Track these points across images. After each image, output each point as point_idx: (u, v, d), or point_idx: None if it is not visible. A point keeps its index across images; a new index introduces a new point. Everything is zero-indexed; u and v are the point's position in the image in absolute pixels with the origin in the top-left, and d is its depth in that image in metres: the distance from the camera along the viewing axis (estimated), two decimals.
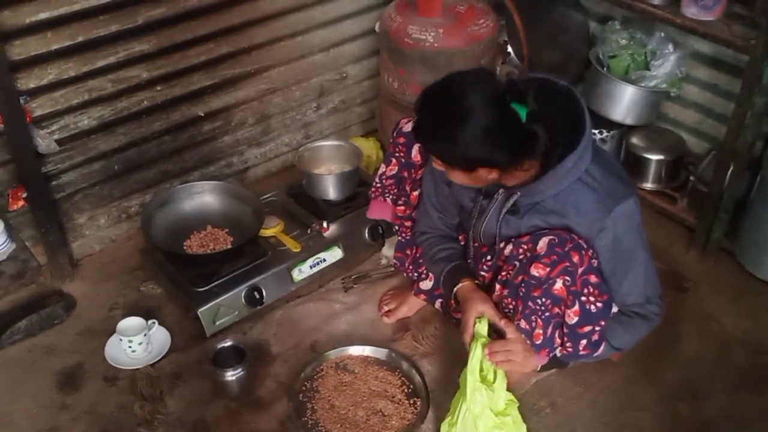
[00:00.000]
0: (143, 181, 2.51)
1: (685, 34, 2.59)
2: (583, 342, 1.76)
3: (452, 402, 1.87)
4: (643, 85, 2.60)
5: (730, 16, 2.28)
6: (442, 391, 2.05)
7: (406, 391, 2.07)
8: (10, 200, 2.18)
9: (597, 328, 1.74)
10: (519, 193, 1.75)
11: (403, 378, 2.10)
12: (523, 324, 1.75)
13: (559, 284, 1.68)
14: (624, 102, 2.65)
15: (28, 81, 2.09)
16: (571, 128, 1.66)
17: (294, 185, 2.63)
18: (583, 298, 1.70)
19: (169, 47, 2.33)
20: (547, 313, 1.71)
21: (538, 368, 1.96)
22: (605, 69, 2.69)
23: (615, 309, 1.79)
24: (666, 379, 2.11)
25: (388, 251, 2.53)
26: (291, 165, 2.92)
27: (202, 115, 2.53)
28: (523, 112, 1.59)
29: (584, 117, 1.67)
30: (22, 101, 2.04)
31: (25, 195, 2.18)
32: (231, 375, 2.02)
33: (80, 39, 2.13)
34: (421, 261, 2.19)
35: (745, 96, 2.22)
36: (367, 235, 2.50)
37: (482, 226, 1.89)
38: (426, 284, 2.24)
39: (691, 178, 2.57)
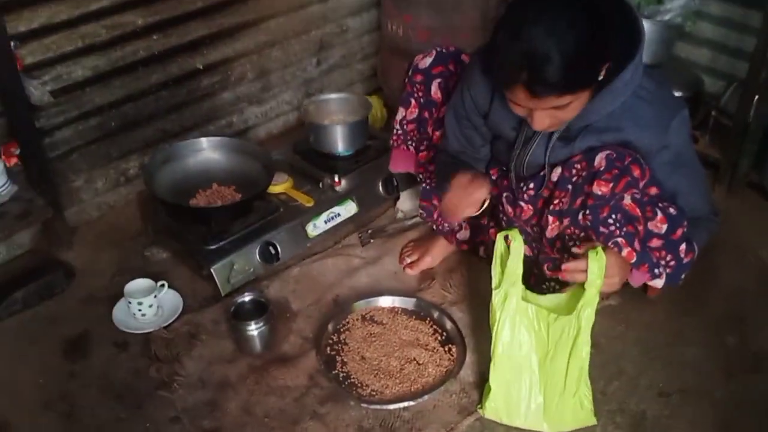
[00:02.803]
0: (141, 139, 2.37)
1: None
2: (683, 247, 1.68)
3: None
4: (657, 18, 2.52)
5: None
6: (477, 337, 1.93)
7: (439, 338, 1.95)
8: (2, 157, 2.02)
9: (686, 229, 1.67)
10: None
11: (434, 326, 1.98)
12: None
13: (628, 199, 1.58)
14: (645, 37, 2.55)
15: (18, 24, 1.94)
16: (625, 33, 1.54)
17: (300, 142, 2.51)
18: (660, 206, 1.62)
19: None
20: (624, 229, 1.58)
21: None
22: None
23: None
24: (709, 313, 2.02)
25: (404, 204, 2.41)
26: (292, 126, 2.81)
27: (201, 68, 2.40)
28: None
29: (639, 24, 1.56)
30: (12, 46, 1.89)
31: (18, 151, 2.02)
32: (254, 329, 1.88)
33: None
34: None
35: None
36: (381, 188, 2.38)
37: (527, 155, 1.76)
38: (463, 234, 2.14)
39: (713, 113, 2.49)
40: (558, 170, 1.70)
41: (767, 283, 2.11)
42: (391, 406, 1.77)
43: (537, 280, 1.95)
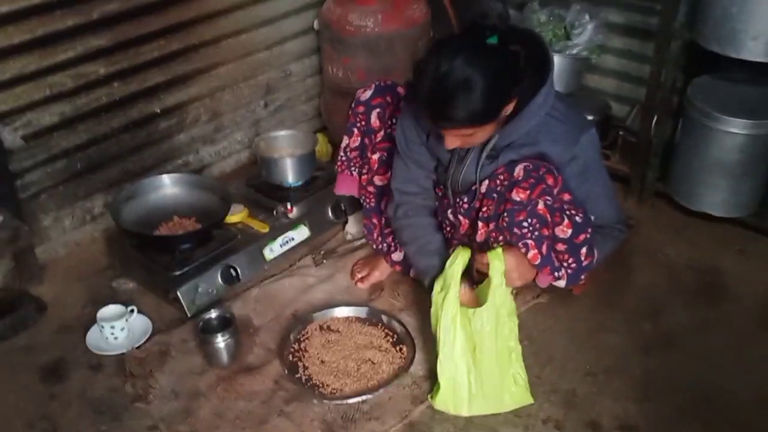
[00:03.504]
0: (105, 179, 2.54)
1: (599, 6, 2.87)
2: (583, 250, 1.89)
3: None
4: (567, 53, 2.84)
5: None
6: (424, 337, 2.14)
7: (390, 340, 2.16)
8: None
9: (589, 235, 1.88)
10: (497, 136, 1.88)
11: (386, 330, 2.19)
12: None
13: (541, 204, 1.81)
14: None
15: None
16: (537, 62, 1.80)
17: (252, 176, 2.71)
18: (568, 213, 1.85)
19: (124, 42, 2.40)
20: (536, 233, 1.82)
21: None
22: None
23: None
24: (627, 305, 2.29)
25: (351, 227, 2.63)
26: (244, 164, 3.01)
27: (158, 111, 2.60)
28: (495, 39, 1.70)
29: (548, 53, 1.83)
30: None
31: None
32: (221, 341, 2.06)
33: (40, 33, 2.18)
34: (387, 232, 2.30)
35: (659, 54, 2.48)
36: (330, 213, 2.59)
37: (461, 174, 2.01)
38: (398, 255, 2.35)
39: (621, 132, 2.80)
40: (486, 182, 1.95)
41: (675, 277, 2.39)
42: (351, 401, 1.97)
43: (471, 282, 2.17)
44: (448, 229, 2.18)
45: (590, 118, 2.85)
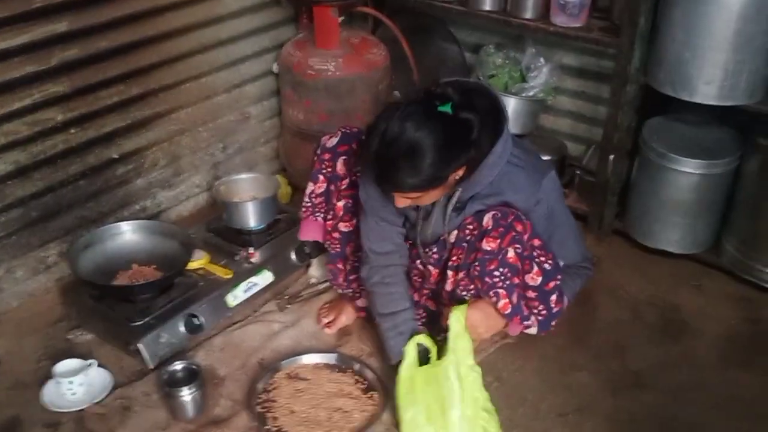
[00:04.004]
0: (61, 227, 2.46)
1: (554, 50, 2.94)
2: (553, 297, 1.91)
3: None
4: (523, 95, 2.89)
5: (591, 26, 2.61)
6: (396, 383, 2.11)
7: (361, 387, 2.12)
8: None
9: (559, 282, 1.90)
10: (460, 189, 1.89)
11: (356, 376, 2.16)
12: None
13: (511, 253, 1.83)
14: (508, 113, 2.91)
15: None
16: (491, 116, 1.82)
17: (212, 221, 2.67)
18: (537, 260, 1.86)
19: (83, 88, 2.35)
20: (507, 282, 1.84)
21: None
22: None
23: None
24: (594, 342, 2.31)
25: (315, 271, 2.60)
26: (202, 207, 2.97)
27: (116, 157, 2.54)
28: (448, 107, 1.73)
29: (501, 104, 1.85)
30: None
31: None
32: (187, 394, 1.99)
33: None
34: (352, 278, 2.28)
35: (615, 97, 2.54)
36: (294, 257, 2.56)
37: (429, 229, 2.02)
38: (362, 302, 2.33)
39: (577, 171, 2.86)
40: (455, 233, 1.97)
41: (637, 314, 2.43)
42: None
43: (437, 331, 2.15)
44: (417, 278, 2.18)
45: (547, 158, 2.91)
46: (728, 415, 2.04)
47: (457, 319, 1.83)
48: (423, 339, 1.97)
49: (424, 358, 1.98)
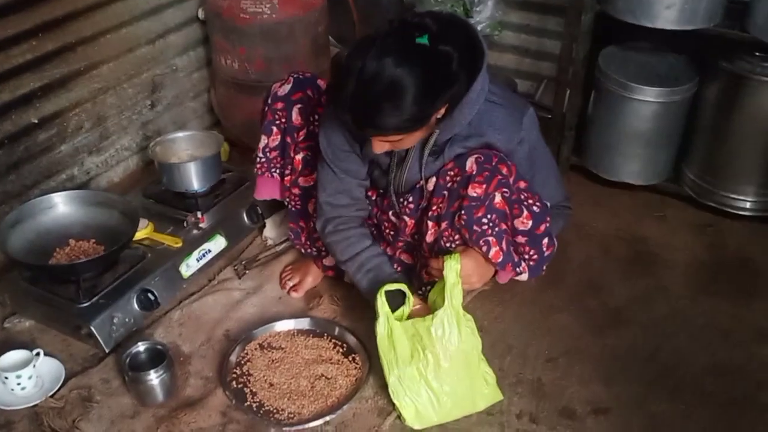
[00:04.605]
0: None
1: None
2: (545, 241, 1.82)
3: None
4: None
5: None
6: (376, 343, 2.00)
7: (341, 350, 2.00)
8: None
9: (548, 225, 1.81)
10: (438, 131, 1.76)
11: (333, 340, 2.03)
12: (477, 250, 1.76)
13: (498, 197, 1.72)
14: (485, 47, 2.78)
15: None
16: (468, 50, 1.66)
17: (149, 186, 2.45)
18: (526, 203, 1.76)
19: None
20: (496, 229, 1.73)
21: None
22: None
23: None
24: (569, 282, 2.26)
25: (270, 232, 2.43)
26: (133, 172, 2.72)
27: (36, 122, 2.26)
28: (425, 39, 1.57)
29: (477, 37, 1.69)
30: None
31: None
32: (155, 377, 1.81)
33: None
34: (316, 236, 2.12)
35: (569, 28, 2.45)
36: (246, 218, 2.38)
37: (404, 174, 1.88)
38: (329, 260, 2.18)
39: None
40: (433, 180, 1.83)
41: (607, 249, 2.40)
42: (313, 424, 1.80)
43: (415, 286, 2.04)
44: (389, 231, 2.04)
45: None
46: (713, 346, 2.03)
47: (451, 268, 1.71)
48: (390, 287, 1.82)
49: (398, 303, 1.84)
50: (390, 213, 1.99)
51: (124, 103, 2.57)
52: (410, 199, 1.90)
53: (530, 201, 1.79)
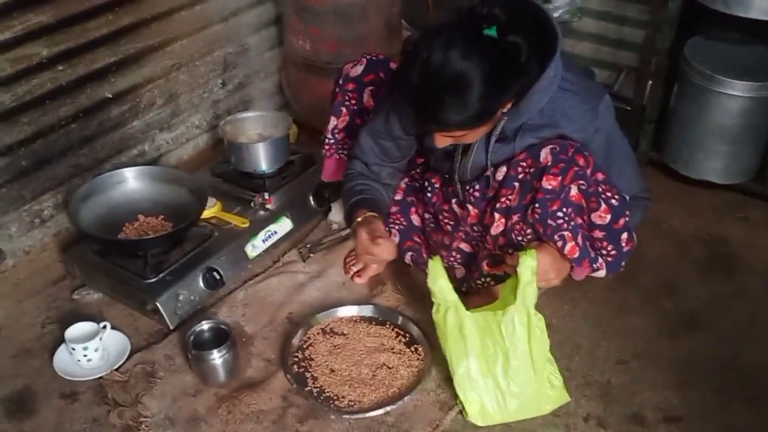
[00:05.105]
0: (54, 177, 2.22)
1: None
2: (624, 236, 1.74)
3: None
4: None
5: None
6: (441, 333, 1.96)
7: (403, 340, 1.96)
8: None
9: (628, 219, 1.73)
10: (505, 118, 1.69)
11: (396, 329, 1.99)
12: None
13: (575, 190, 1.64)
14: (559, 31, 2.70)
15: None
16: (540, 35, 1.59)
17: (218, 165, 2.45)
18: (604, 196, 1.69)
19: (69, 18, 2.08)
20: (572, 223, 1.66)
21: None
22: None
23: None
24: (643, 281, 2.16)
25: (335, 216, 2.39)
26: (202, 150, 2.73)
27: (110, 96, 2.29)
28: (493, 30, 1.50)
29: (551, 21, 1.62)
30: None
31: None
32: (218, 357, 1.81)
33: None
34: None
35: (655, 16, 2.35)
36: (312, 201, 2.36)
37: (469, 161, 1.82)
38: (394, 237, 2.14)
39: None
40: (503, 169, 1.76)
41: (684, 249, 2.29)
42: (373, 413, 1.76)
43: (475, 276, 1.99)
44: (447, 221, 1.99)
45: None
46: None
47: (527, 266, 1.65)
48: (436, 264, 1.74)
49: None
50: (453, 201, 1.94)
51: (196, 81, 2.58)
52: (476, 187, 1.84)
53: (608, 194, 1.71)
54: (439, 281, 1.73)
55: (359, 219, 1.91)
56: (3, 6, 1.91)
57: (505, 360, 1.71)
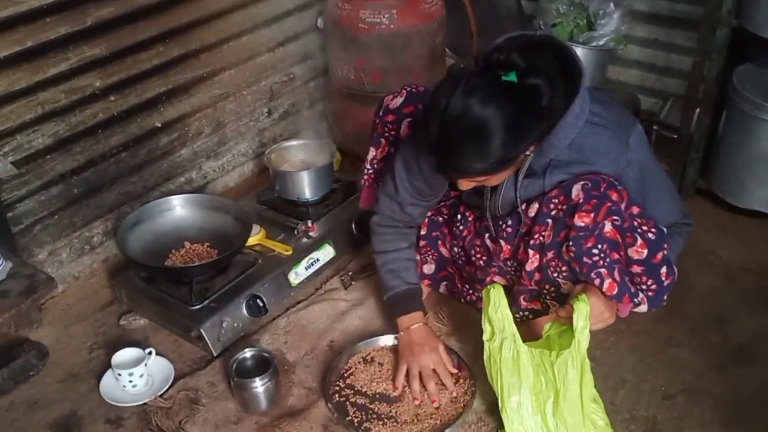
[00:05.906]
0: (104, 205, 2.28)
1: None
2: (663, 270, 1.70)
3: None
4: (591, 45, 2.66)
5: None
6: (481, 364, 1.92)
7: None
8: None
9: (666, 252, 1.69)
10: (532, 155, 1.66)
11: None
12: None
13: (609, 226, 1.61)
14: (583, 66, 2.69)
15: None
16: (564, 73, 1.56)
17: (263, 192, 2.48)
18: (640, 231, 1.66)
19: (121, 51, 2.15)
20: (608, 260, 1.63)
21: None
22: None
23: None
24: (690, 314, 2.12)
25: None
26: (248, 178, 2.78)
27: (159, 125, 2.35)
28: (513, 76, 1.49)
29: (573, 57, 1.59)
30: None
31: None
32: (260, 385, 1.82)
33: (29, 44, 1.91)
34: (422, 244, 2.09)
35: (703, 44, 2.30)
36: (354, 229, 2.38)
37: (500, 198, 1.81)
38: (429, 267, 2.14)
39: (655, 127, 2.64)
40: (535, 206, 1.74)
41: (733, 280, 2.24)
42: None
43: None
44: (479, 257, 1.98)
45: None
46: None
47: (581, 313, 1.62)
48: (496, 293, 1.72)
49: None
50: (486, 236, 1.93)
51: (243, 110, 2.63)
52: (509, 223, 1.83)
53: (644, 228, 1.67)
54: (501, 309, 1.70)
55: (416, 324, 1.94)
56: (59, 40, 1.98)
57: (556, 399, 1.68)
